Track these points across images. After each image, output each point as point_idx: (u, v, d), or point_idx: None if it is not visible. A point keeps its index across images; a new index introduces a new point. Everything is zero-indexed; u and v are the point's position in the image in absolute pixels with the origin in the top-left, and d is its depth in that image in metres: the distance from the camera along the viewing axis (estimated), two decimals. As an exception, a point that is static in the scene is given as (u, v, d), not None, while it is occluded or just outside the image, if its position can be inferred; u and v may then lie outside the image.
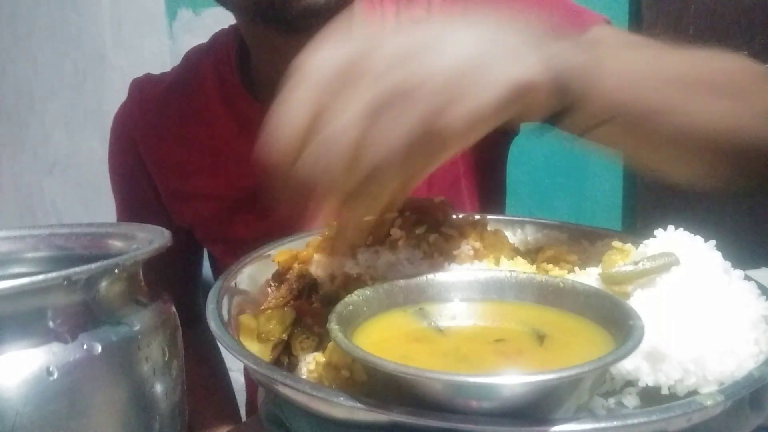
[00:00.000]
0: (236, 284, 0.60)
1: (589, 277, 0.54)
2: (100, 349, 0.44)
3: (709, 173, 0.68)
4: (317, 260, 0.61)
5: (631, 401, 0.46)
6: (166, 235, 0.53)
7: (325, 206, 0.49)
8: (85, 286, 0.44)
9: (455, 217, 0.65)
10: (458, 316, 0.50)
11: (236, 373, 1.16)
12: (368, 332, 0.47)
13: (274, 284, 0.62)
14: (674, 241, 0.54)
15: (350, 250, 0.57)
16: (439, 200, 0.66)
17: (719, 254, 0.53)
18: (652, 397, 0.45)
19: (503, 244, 0.64)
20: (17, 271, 0.58)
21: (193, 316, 1.03)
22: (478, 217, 0.67)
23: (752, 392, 0.43)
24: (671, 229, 0.56)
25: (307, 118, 0.45)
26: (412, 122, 0.44)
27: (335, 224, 0.57)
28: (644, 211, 1.95)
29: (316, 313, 0.55)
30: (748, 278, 0.53)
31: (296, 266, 0.61)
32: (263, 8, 0.78)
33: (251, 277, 0.63)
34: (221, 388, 1.11)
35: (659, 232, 0.56)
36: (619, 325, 0.44)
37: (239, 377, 1.13)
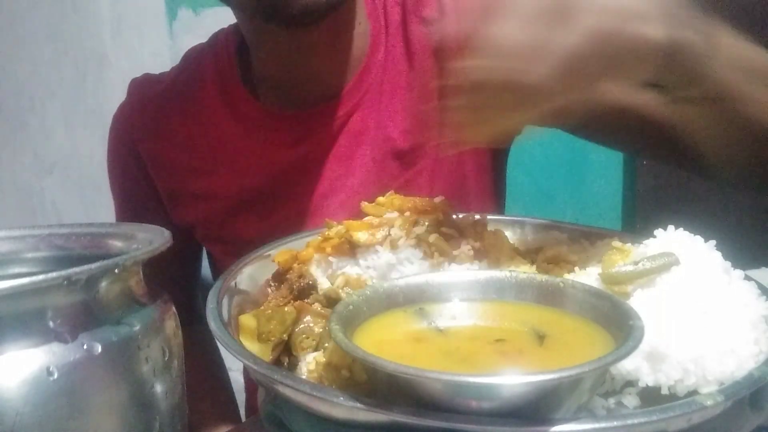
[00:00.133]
0: (236, 284, 0.60)
1: (589, 277, 0.54)
2: (100, 349, 0.44)
3: (755, 168, 0.70)
4: (317, 260, 0.61)
5: (631, 401, 0.46)
6: (166, 235, 0.54)
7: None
8: (85, 286, 0.44)
9: (455, 217, 0.65)
10: (458, 316, 0.50)
11: (236, 373, 1.15)
12: (368, 332, 0.47)
13: (274, 284, 0.62)
14: (674, 241, 0.54)
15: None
16: (439, 200, 0.66)
17: (719, 254, 0.53)
18: (652, 397, 0.45)
19: (503, 244, 0.64)
20: (17, 271, 0.58)
21: (192, 315, 1.03)
22: (478, 217, 0.67)
23: (752, 392, 0.43)
24: (671, 229, 0.56)
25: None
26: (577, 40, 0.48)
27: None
28: (644, 211, 1.95)
29: (316, 313, 0.55)
30: (748, 278, 0.53)
31: (296, 266, 0.61)
32: (265, 6, 0.78)
33: (251, 277, 0.63)
34: (221, 388, 1.10)
35: (659, 232, 0.56)
36: (619, 325, 0.44)
37: (239, 377, 1.13)
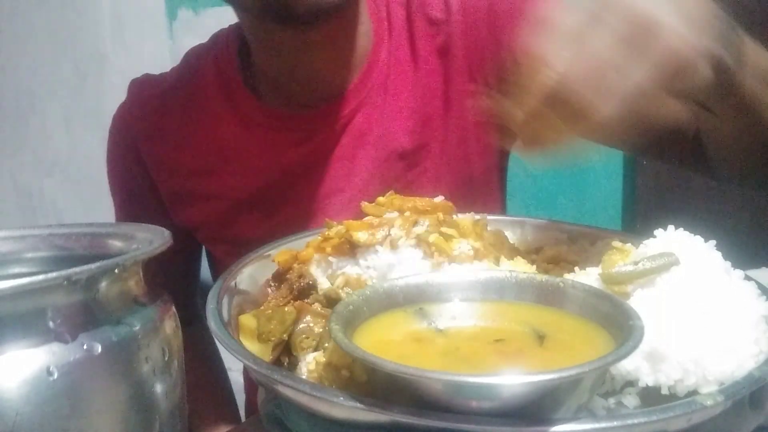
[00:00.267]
0: (236, 284, 0.60)
1: (589, 277, 0.54)
2: (100, 349, 0.44)
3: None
4: (317, 260, 0.61)
5: (631, 401, 0.46)
6: (166, 235, 0.53)
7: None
8: (85, 286, 0.44)
9: (455, 217, 0.65)
10: (458, 316, 0.50)
11: (236, 373, 1.15)
12: (368, 332, 0.47)
13: (274, 284, 0.62)
14: (674, 241, 0.54)
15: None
16: (439, 200, 0.66)
17: (719, 254, 0.53)
18: (652, 397, 0.45)
19: (503, 244, 0.64)
20: (17, 271, 0.58)
21: (191, 315, 1.03)
22: (478, 217, 0.67)
23: (752, 392, 0.43)
24: (671, 229, 0.56)
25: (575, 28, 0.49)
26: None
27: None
28: (644, 211, 1.95)
29: (316, 313, 0.55)
30: (748, 278, 0.53)
31: (296, 266, 0.61)
32: (272, 6, 0.78)
33: (251, 277, 0.62)
34: (221, 388, 1.10)
35: (659, 232, 0.56)
36: (619, 325, 0.44)
37: (239, 377, 1.13)
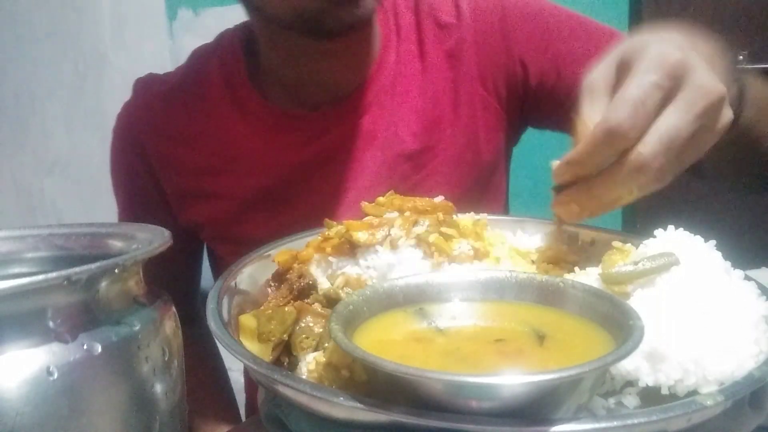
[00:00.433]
0: (236, 284, 0.60)
1: (589, 277, 0.54)
2: (100, 349, 0.44)
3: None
4: (317, 260, 0.61)
5: (631, 401, 0.46)
6: (166, 235, 0.53)
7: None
8: (85, 286, 0.44)
9: (455, 217, 0.65)
10: (458, 316, 0.50)
11: (236, 373, 1.16)
12: (368, 332, 0.47)
13: (274, 284, 0.62)
14: (674, 241, 0.54)
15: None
16: (439, 200, 0.66)
17: (719, 254, 0.53)
18: (652, 397, 0.45)
19: (503, 244, 0.64)
20: (17, 271, 0.58)
21: (192, 315, 1.03)
22: (478, 217, 0.67)
23: (752, 392, 0.43)
24: (671, 229, 0.56)
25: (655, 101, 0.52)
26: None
27: None
28: (644, 211, 1.95)
29: (316, 313, 0.55)
30: (748, 278, 0.53)
31: (296, 266, 0.61)
32: (305, 20, 0.78)
33: (251, 277, 0.62)
34: (221, 387, 1.10)
35: (659, 232, 0.56)
36: (619, 325, 0.44)
37: (239, 377, 1.13)
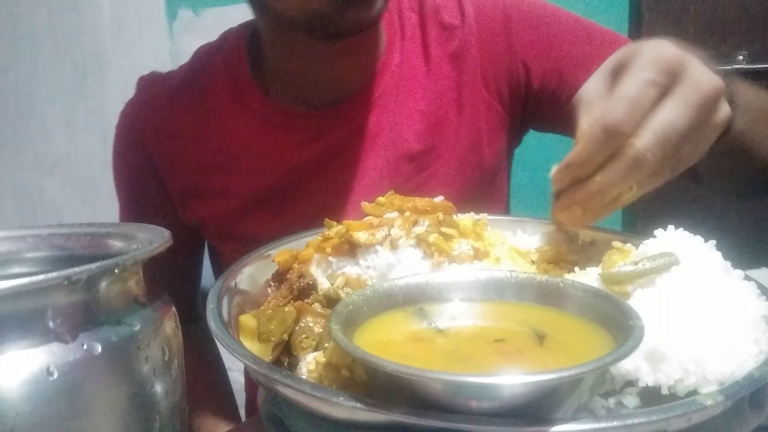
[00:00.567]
0: (236, 284, 0.60)
1: (589, 277, 0.54)
2: (100, 349, 0.44)
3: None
4: (317, 260, 0.61)
5: (631, 401, 0.46)
6: (166, 235, 0.53)
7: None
8: (85, 286, 0.44)
9: (455, 217, 0.65)
10: (458, 316, 0.50)
11: (236, 373, 1.15)
12: (368, 332, 0.47)
13: (274, 284, 0.62)
14: (674, 241, 0.54)
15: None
16: (439, 200, 0.66)
17: (719, 254, 0.53)
18: (652, 397, 0.45)
19: (503, 244, 0.64)
20: (17, 271, 0.58)
21: (192, 314, 1.03)
22: (478, 217, 0.67)
23: (752, 392, 0.43)
24: (671, 229, 0.56)
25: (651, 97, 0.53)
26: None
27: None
28: (644, 211, 1.96)
29: (316, 313, 0.55)
30: (748, 278, 0.53)
31: (296, 266, 0.61)
32: (314, 20, 0.79)
33: (251, 277, 0.62)
34: (220, 386, 1.11)
35: (659, 232, 0.56)
36: (619, 325, 0.44)
37: (239, 377, 1.13)
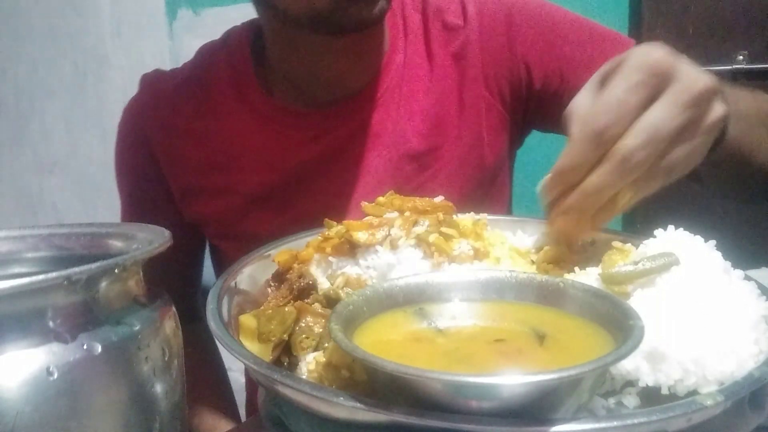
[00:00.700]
0: (236, 284, 0.60)
1: (589, 277, 0.54)
2: (100, 349, 0.44)
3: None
4: (317, 260, 0.61)
5: (631, 401, 0.46)
6: (166, 235, 0.53)
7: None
8: (85, 286, 0.44)
9: (455, 217, 0.65)
10: (458, 316, 0.50)
11: (236, 373, 1.15)
12: (368, 332, 0.47)
13: (274, 284, 0.62)
14: (674, 241, 0.54)
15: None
16: (439, 200, 0.66)
17: (719, 254, 0.53)
18: (652, 397, 0.45)
19: (503, 244, 0.64)
20: (17, 271, 0.58)
21: (193, 313, 1.03)
22: (478, 217, 0.67)
23: (752, 392, 0.43)
24: (671, 229, 0.56)
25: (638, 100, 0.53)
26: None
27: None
28: (644, 211, 1.95)
29: (316, 313, 0.55)
30: (748, 278, 0.53)
31: (296, 266, 0.61)
32: (318, 17, 0.79)
33: (251, 277, 0.62)
34: (221, 386, 1.10)
35: (659, 232, 0.56)
36: (619, 325, 0.44)
37: (239, 377, 1.13)
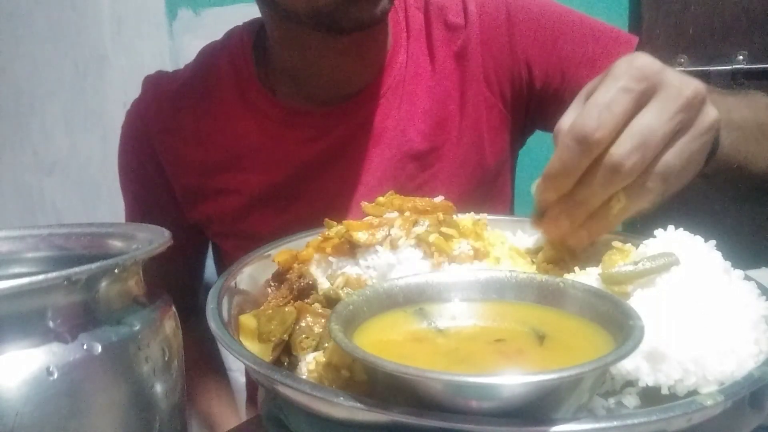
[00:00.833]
0: (236, 284, 0.60)
1: (589, 277, 0.54)
2: (100, 349, 0.44)
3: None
4: (317, 260, 0.61)
5: (631, 401, 0.46)
6: (166, 235, 0.53)
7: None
8: (85, 286, 0.44)
9: (455, 217, 0.65)
10: (458, 316, 0.50)
11: (236, 373, 1.16)
12: (368, 332, 0.47)
13: (274, 284, 0.62)
14: (674, 241, 0.54)
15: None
16: (439, 200, 0.66)
17: (719, 254, 0.53)
18: (652, 397, 0.45)
19: (503, 244, 0.64)
20: (17, 271, 0.58)
21: (196, 309, 1.03)
22: (478, 217, 0.67)
23: (752, 392, 0.43)
24: (671, 229, 0.56)
25: (625, 107, 0.52)
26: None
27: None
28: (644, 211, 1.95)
29: (316, 313, 0.55)
30: (748, 278, 0.53)
31: (296, 266, 0.61)
32: (320, 16, 0.79)
33: (251, 277, 0.62)
34: (220, 374, 1.11)
35: (659, 232, 0.56)
36: (619, 325, 0.44)
37: (239, 377, 1.13)
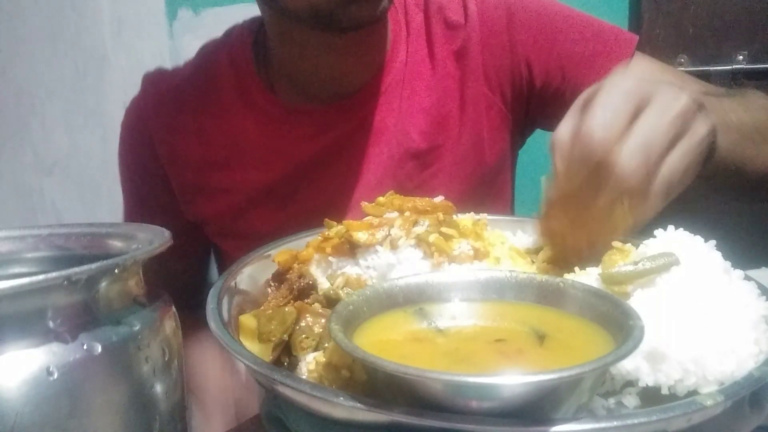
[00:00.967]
0: (236, 284, 0.60)
1: (589, 277, 0.54)
2: (100, 349, 0.44)
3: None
4: (317, 260, 0.61)
5: (631, 401, 0.46)
6: (166, 235, 0.54)
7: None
8: (85, 286, 0.44)
9: (455, 217, 0.65)
10: (458, 316, 0.50)
11: (236, 373, 1.15)
12: (368, 332, 0.47)
13: (274, 284, 0.62)
14: (674, 241, 0.54)
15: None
16: (439, 200, 0.66)
17: (719, 254, 0.53)
18: (652, 397, 0.45)
19: (503, 244, 0.64)
20: (17, 271, 0.58)
21: (202, 306, 1.03)
22: (478, 217, 0.67)
23: (752, 392, 0.43)
24: (671, 229, 0.56)
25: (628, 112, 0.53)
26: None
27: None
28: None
29: (316, 313, 0.55)
30: (748, 278, 0.53)
31: (296, 266, 0.61)
32: (320, 14, 0.79)
33: (251, 277, 0.62)
34: (218, 361, 1.10)
35: (659, 232, 0.56)
36: (619, 325, 0.44)
37: (239, 377, 1.13)
